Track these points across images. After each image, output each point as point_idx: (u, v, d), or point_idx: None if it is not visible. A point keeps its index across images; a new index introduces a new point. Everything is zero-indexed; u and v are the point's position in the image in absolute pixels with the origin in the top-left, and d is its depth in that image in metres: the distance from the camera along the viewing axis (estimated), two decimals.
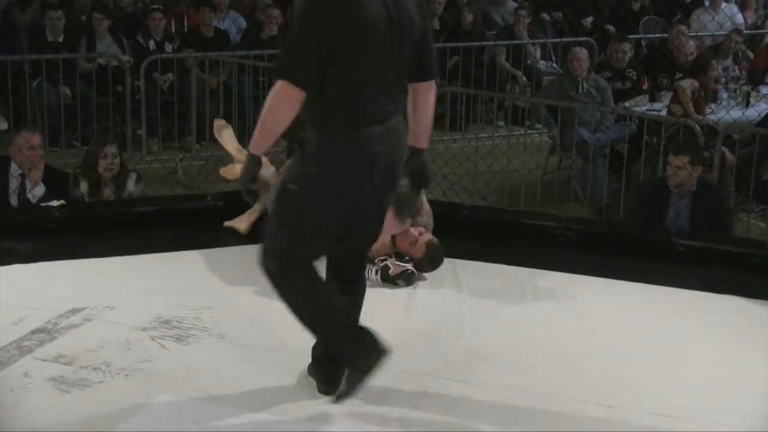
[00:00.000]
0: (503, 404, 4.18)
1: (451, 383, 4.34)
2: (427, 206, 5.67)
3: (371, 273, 5.42)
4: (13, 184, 6.73)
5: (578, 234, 6.29)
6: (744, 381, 4.48)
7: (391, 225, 5.34)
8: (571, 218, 6.73)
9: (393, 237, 5.49)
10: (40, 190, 6.72)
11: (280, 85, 3.65)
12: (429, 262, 5.49)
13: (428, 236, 5.53)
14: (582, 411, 4.16)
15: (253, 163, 3.78)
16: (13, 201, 6.70)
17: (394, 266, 5.40)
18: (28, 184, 6.72)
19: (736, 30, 11.14)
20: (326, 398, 4.05)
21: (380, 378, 4.34)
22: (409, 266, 5.43)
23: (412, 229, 5.48)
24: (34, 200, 6.69)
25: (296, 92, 3.64)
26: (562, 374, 4.47)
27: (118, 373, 4.31)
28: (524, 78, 11.34)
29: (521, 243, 6.17)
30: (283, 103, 3.66)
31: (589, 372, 4.50)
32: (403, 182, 5.35)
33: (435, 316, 5.12)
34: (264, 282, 5.31)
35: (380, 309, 5.15)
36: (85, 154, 7.26)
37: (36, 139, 6.81)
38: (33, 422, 3.89)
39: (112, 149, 6.90)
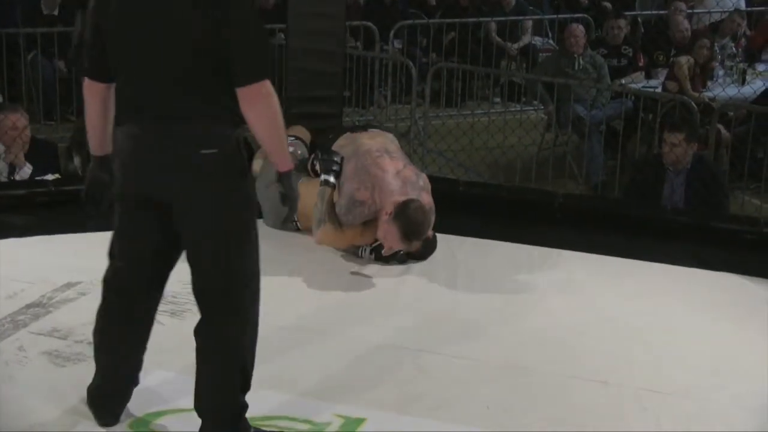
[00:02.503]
0: (498, 380, 4.19)
1: (445, 359, 4.35)
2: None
3: (365, 252, 5.41)
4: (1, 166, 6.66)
5: (573, 211, 6.29)
6: (739, 358, 4.49)
7: (396, 243, 5.27)
8: (566, 195, 6.73)
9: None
10: (26, 170, 6.66)
11: (267, 86, 3.31)
12: (420, 255, 5.45)
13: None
14: (576, 387, 4.17)
15: (291, 177, 3.47)
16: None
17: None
18: (16, 169, 6.63)
19: (737, 11, 11.11)
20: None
21: (375, 354, 4.35)
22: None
23: None
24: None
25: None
26: (557, 351, 4.48)
27: None
28: (514, 48, 11.33)
29: (516, 219, 6.17)
30: (277, 102, 3.38)
31: (583, 348, 4.51)
32: (414, 204, 5.31)
33: (429, 293, 5.13)
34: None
35: (375, 285, 5.17)
36: (73, 130, 7.20)
37: (22, 120, 6.71)
38: (28, 396, 3.89)
39: None
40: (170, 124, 3.34)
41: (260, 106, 3.30)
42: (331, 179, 5.36)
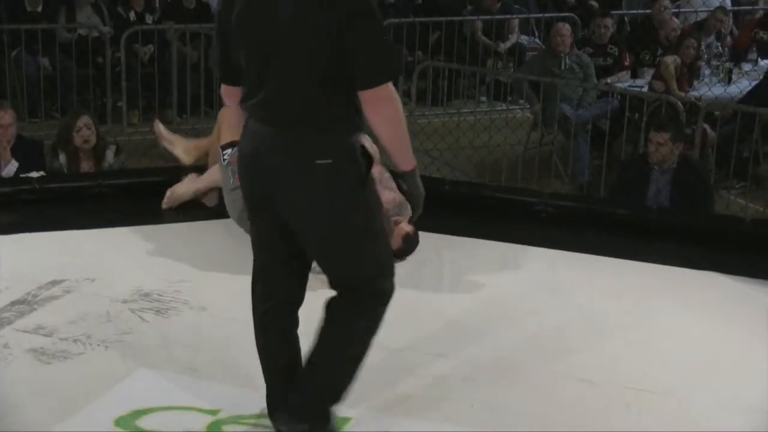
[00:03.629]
0: (484, 379, 4.19)
1: (431, 358, 4.35)
2: (398, 195, 5.50)
3: None
4: None
5: (559, 210, 6.29)
6: (724, 357, 4.50)
7: None
8: (552, 194, 6.73)
9: None
10: (12, 167, 6.64)
11: (390, 89, 3.29)
12: (402, 252, 5.44)
13: (405, 227, 5.40)
14: (562, 386, 4.17)
15: (416, 176, 3.50)
16: None
17: None
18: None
19: (721, 8, 11.15)
20: None
21: None
22: None
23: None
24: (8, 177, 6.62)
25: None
26: (543, 349, 4.48)
27: (98, 345, 4.30)
28: (503, 47, 11.36)
29: (502, 218, 6.17)
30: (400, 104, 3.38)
31: (569, 347, 4.51)
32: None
33: (415, 291, 5.12)
34: (244, 256, 5.36)
35: None
36: (59, 127, 7.20)
37: (7, 117, 6.70)
38: (13, 393, 3.88)
39: (85, 120, 6.84)
40: (289, 129, 3.32)
41: (384, 109, 3.30)
42: None
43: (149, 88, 9.81)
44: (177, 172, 6.27)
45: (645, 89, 8.96)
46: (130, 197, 5.98)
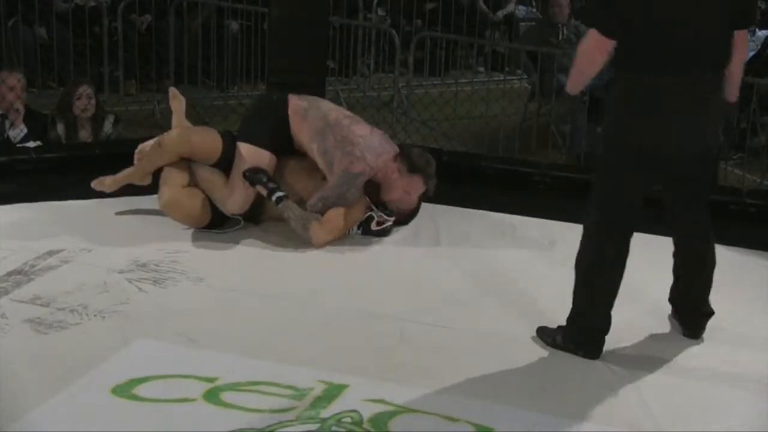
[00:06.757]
0: (480, 349, 4.20)
1: (427, 327, 4.35)
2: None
3: (353, 230, 5.40)
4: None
5: (557, 180, 6.29)
6: (720, 328, 4.50)
7: (420, 190, 5.34)
8: (549, 164, 6.72)
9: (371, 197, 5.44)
10: (20, 131, 6.65)
11: None
12: (410, 216, 5.49)
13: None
14: (555, 357, 4.18)
15: None
16: None
17: (378, 218, 5.37)
18: (8, 125, 6.65)
19: None
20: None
21: (357, 322, 4.36)
22: (391, 220, 5.41)
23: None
24: (14, 141, 6.63)
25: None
26: (539, 321, 4.48)
27: (95, 315, 4.31)
28: (499, 15, 11.31)
29: (500, 189, 6.17)
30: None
31: (565, 319, 4.51)
32: (414, 150, 5.38)
33: (411, 262, 5.13)
34: (241, 227, 5.38)
35: (357, 254, 5.18)
36: (60, 95, 7.21)
37: (13, 79, 6.71)
38: (10, 363, 3.88)
39: (86, 89, 6.85)
40: (710, 69, 3.81)
41: (747, 45, 3.99)
42: (279, 193, 5.20)
43: (146, 58, 9.77)
44: None
45: None
46: (128, 167, 5.95)
